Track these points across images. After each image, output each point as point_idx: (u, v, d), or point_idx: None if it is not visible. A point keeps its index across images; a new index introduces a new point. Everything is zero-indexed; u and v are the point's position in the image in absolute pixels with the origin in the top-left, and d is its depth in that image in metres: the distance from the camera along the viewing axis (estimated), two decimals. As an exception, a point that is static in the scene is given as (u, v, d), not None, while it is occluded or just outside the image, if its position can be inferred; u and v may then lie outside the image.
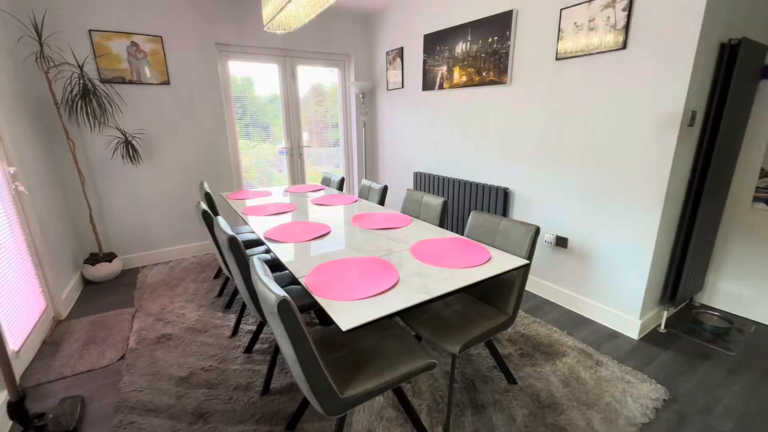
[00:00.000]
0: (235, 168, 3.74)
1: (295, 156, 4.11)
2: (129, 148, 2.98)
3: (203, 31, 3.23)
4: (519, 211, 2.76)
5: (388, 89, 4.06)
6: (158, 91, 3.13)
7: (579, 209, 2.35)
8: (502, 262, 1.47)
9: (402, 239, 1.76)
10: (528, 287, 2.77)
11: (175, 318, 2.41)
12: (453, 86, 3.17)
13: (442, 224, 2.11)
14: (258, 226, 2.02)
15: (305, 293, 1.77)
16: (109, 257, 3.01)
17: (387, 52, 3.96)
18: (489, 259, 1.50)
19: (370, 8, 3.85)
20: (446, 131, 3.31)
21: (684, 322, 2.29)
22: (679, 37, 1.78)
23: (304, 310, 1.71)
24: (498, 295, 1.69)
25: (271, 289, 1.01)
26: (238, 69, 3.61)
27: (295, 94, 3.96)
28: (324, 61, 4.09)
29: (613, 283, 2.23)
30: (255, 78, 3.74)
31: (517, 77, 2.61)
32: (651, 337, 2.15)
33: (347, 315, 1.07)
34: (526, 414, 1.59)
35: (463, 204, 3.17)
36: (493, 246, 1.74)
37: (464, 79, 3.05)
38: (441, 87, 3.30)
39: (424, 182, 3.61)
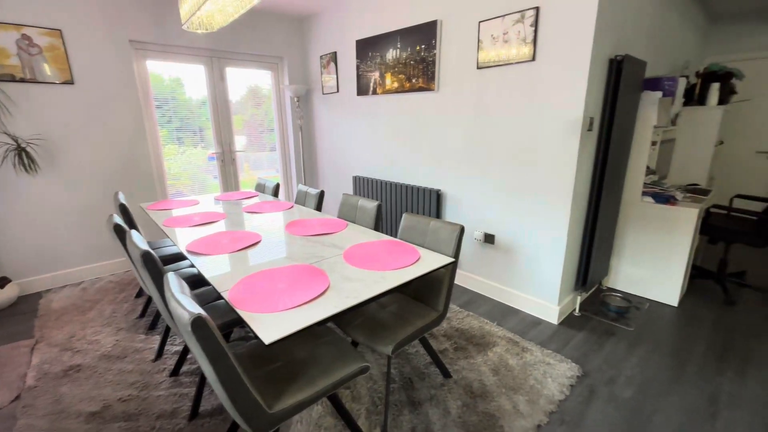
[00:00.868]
0: (158, 176, 3.45)
1: (226, 162, 3.90)
2: (22, 156, 2.60)
3: (114, 26, 2.93)
4: (451, 212, 2.90)
5: (323, 93, 4.03)
6: (60, 91, 2.79)
7: (503, 208, 2.53)
8: (431, 261, 1.53)
9: (336, 244, 1.76)
10: (462, 283, 2.91)
11: (86, 346, 2.15)
12: (386, 92, 3.24)
13: (377, 227, 2.14)
14: (180, 239, 1.88)
15: (235, 307, 1.68)
16: (1, 283, 2.60)
17: (321, 56, 3.93)
18: (418, 259, 1.55)
19: (302, 11, 3.79)
20: (382, 136, 3.37)
21: (594, 304, 2.57)
22: (576, 52, 2.01)
23: (235, 325, 1.63)
24: (430, 293, 1.75)
25: (184, 306, 0.95)
26: (165, 69, 3.35)
27: (225, 96, 3.76)
28: (256, 63, 3.94)
29: (534, 275, 2.43)
30: (185, 79, 3.50)
31: (444, 84, 2.75)
32: (568, 321, 2.38)
33: (271, 327, 1.04)
34: (460, 405, 1.67)
35: (400, 206, 3.24)
36: (423, 246, 1.80)
37: (396, 85, 3.14)
38: (375, 92, 3.35)
39: (363, 186, 3.64)
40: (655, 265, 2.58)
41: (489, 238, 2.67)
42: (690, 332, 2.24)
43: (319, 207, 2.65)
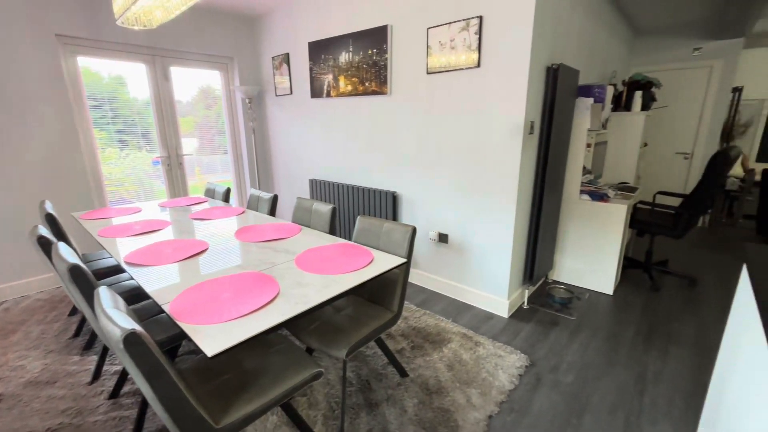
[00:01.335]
0: (95, 182, 3.18)
1: (173, 166, 3.69)
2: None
3: (36, 19, 2.67)
4: (407, 213, 2.95)
5: (277, 95, 3.94)
6: (-30, 89, 2.49)
7: (456, 208, 2.62)
8: (384, 263, 1.55)
9: (288, 250, 1.73)
10: (419, 282, 2.97)
11: (8, 373, 1.93)
12: (340, 94, 3.23)
13: (332, 231, 2.13)
14: (119, 249, 1.75)
15: (180, 319, 1.59)
16: None
17: (273, 57, 3.84)
18: (372, 261, 1.57)
19: (252, 10, 3.69)
20: (337, 138, 3.36)
21: (541, 297, 2.74)
22: (516, 60, 2.13)
23: (182, 339, 1.55)
24: (384, 294, 1.78)
25: (116, 322, 0.89)
26: (104, 67, 3.10)
27: (170, 97, 3.56)
28: (204, 63, 3.77)
29: (485, 271, 2.55)
30: (128, 77, 3.26)
31: (397, 88, 2.80)
32: (517, 314, 2.51)
33: (216, 339, 1.00)
34: (416, 403, 1.70)
35: (357, 209, 3.25)
36: (378, 248, 1.82)
37: (349, 88, 3.14)
38: (328, 95, 3.33)
39: (319, 189, 3.60)
40: (592, 257, 2.80)
41: (443, 238, 2.75)
42: (622, 318, 2.45)
43: (272, 212, 2.59)
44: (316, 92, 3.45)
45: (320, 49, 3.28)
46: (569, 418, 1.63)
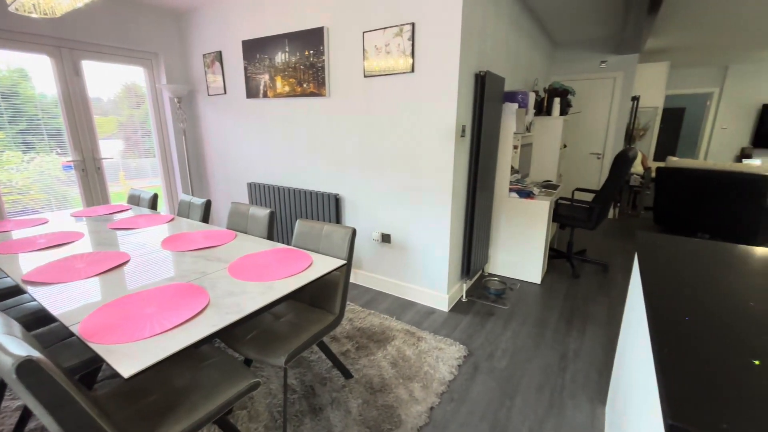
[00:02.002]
0: (-15, 191, 2.75)
1: (89, 171, 3.32)
2: None
3: None
4: (350, 215, 2.97)
5: (209, 94, 3.73)
6: None
7: (397, 208, 2.69)
8: (323, 266, 1.54)
9: (221, 258, 1.65)
10: (364, 283, 3.00)
11: None
12: (277, 95, 3.15)
13: (270, 236, 2.07)
14: (17, 267, 1.54)
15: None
16: None
17: (204, 55, 3.63)
18: (310, 265, 1.55)
19: (179, 4, 3.45)
20: (277, 140, 3.27)
21: (478, 289, 2.91)
22: (447, 66, 2.25)
23: (101, 362, 1.40)
24: (326, 297, 1.77)
25: (6, 350, 0.78)
26: (1, 57, 2.70)
27: (83, 93, 3.20)
28: (123, 58, 3.45)
29: (426, 268, 2.64)
30: (32, 70, 2.86)
31: (335, 90, 2.80)
32: (457, 307, 2.64)
33: (134, 358, 0.93)
34: (360, 403, 1.72)
35: (298, 213, 3.19)
36: (318, 251, 1.81)
37: (287, 89, 3.08)
38: (265, 95, 3.23)
39: (259, 193, 3.47)
40: (522, 250, 3.04)
41: (386, 238, 2.80)
42: (549, 304, 2.69)
43: (205, 218, 2.45)
44: (252, 92, 3.33)
45: (255, 49, 3.17)
46: (503, 401, 1.75)
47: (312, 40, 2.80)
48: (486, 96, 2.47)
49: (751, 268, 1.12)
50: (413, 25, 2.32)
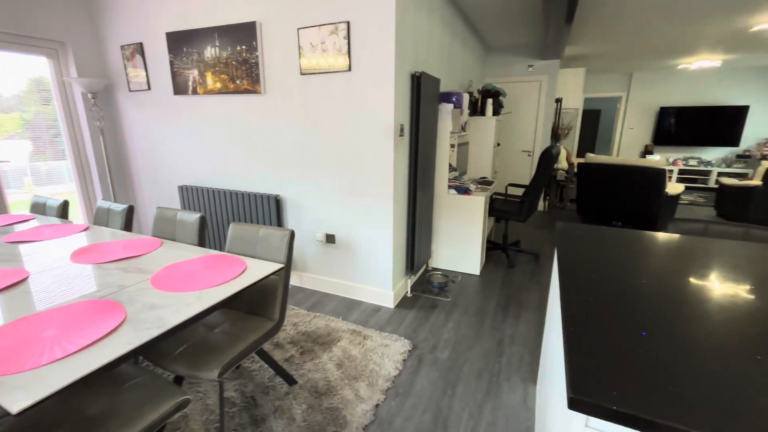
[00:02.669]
0: None
1: (-22, 177, 2.85)
2: None
3: None
4: (293, 217, 2.88)
5: (131, 90, 3.40)
6: None
7: (340, 208, 2.67)
8: (259, 270, 1.48)
9: (143, 268, 1.51)
10: (309, 286, 2.94)
11: None
12: (208, 92, 2.96)
13: (202, 242, 1.94)
14: None
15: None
16: None
17: (122, 47, 3.30)
18: (244, 270, 1.48)
19: (85, -12, 3.09)
20: (211, 140, 3.07)
21: (422, 284, 3.00)
22: (383, 66, 2.28)
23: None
24: (264, 303, 1.70)
25: None
26: None
27: (-36, 88, 2.74)
28: (21, 47, 3.01)
29: (371, 266, 2.66)
30: None
31: (271, 88, 2.70)
32: (402, 303, 2.69)
33: (27, 390, 0.82)
34: (305, 409, 1.68)
35: (235, 216, 3.04)
36: (254, 256, 1.73)
37: (219, 85, 2.91)
38: (195, 92, 3.02)
39: (192, 197, 3.24)
40: (462, 244, 3.18)
41: (330, 238, 2.77)
42: (487, 294, 2.85)
43: (127, 226, 2.23)
44: (180, 88, 3.09)
45: (181, 42, 2.95)
46: (445, 390, 1.82)
47: (244, 34, 2.67)
48: (422, 96, 2.54)
49: (648, 251, 1.28)
50: (348, 23, 2.31)
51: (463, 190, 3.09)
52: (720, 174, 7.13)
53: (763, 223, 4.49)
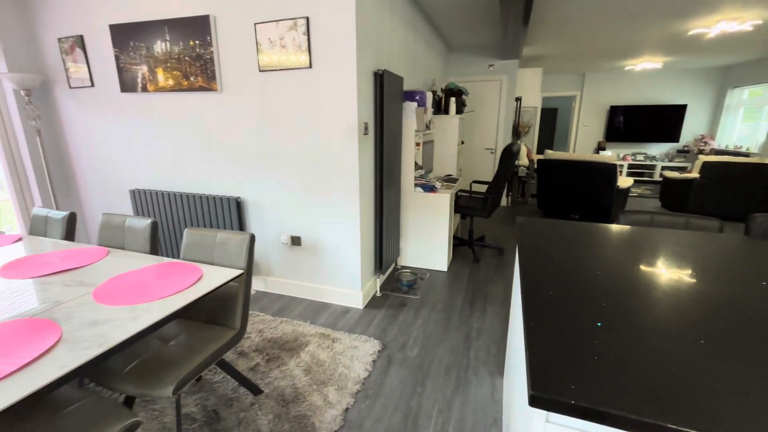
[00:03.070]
0: None
1: None
2: None
3: None
4: (255, 219, 2.78)
5: (71, 87, 3.13)
6: None
7: (305, 209, 2.60)
8: (216, 278, 1.40)
9: (85, 281, 1.38)
10: (276, 290, 2.85)
11: None
12: (159, 89, 2.78)
13: (154, 250, 1.82)
14: None
15: None
16: None
17: (60, 40, 3.02)
18: (200, 278, 1.40)
19: (13, -26, 2.80)
20: (165, 140, 2.89)
21: (391, 282, 2.99)
22: (345, 63, 2.23)
23: None
24: (224, 312, 1.62)
25: None
26: None
27: None
28: (-70, 37, 2.67)
29: (339, 267, 2.62)
30: None
31: (228, 85, 2.58)
32: (371, 303, 2.67)
33: (-64, 426, 0.71)
34: (271, 419, 1.62)
35: (193, 221, 2.88)
36: (212, 262, 1.64)
37: (171, 82, 2.74)
38: (145, 89, 2.83)
39: (145, 201, 3.04)
40: (429, 241, 3.21)
41: (296, 240, 2.69)
42: (455, 289, 2.89)
43: (69, 235, 2.04)
44: (128, 86, 2.88)
45: (128, 35, 2.75)
46: (415, 388, 1.82)
47: (196, 29, 2.53)
48: (386, 94, 2.53)
49: (601, 243, 1.33)
50: (307, 19, 2.25)
51: (429, 188, 3.11)
52: (664, 168, 7.69)
53: (700, 212, 4.89)
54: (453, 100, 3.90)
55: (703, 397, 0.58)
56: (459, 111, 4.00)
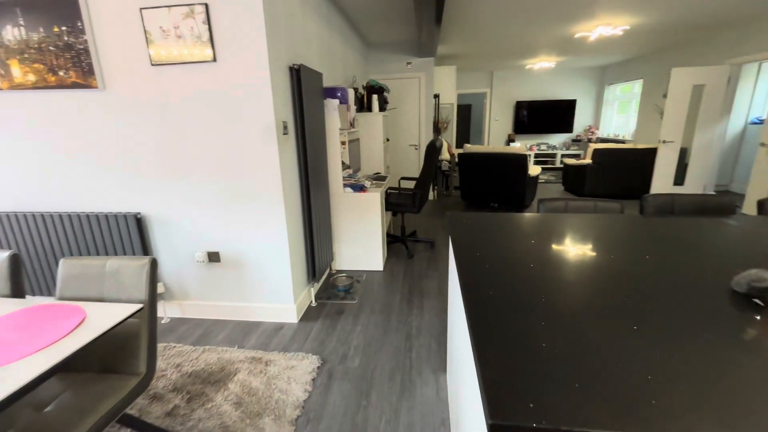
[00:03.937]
0: None
1: None
2: None
3: None
4: (161, 238, 2.40)
5: None
6: None
7: (222, 221, 2.32)
8: (105, 319, 1.13)
9: None
10: (194, 315, 2.51)
11: None
12: (16, 87, 2.24)
13: (18, 291, 1.43)
14: None
15: None
16: None
17: None
18: (83, 321, 1.11)
19: None
20: (35, 150, 2.34)
21: (327, 289, 2.85)
22: (255, 56, 2.02)
23: None
24: (123, 355, 1.33)
25: None
26: None
27: None
28: None
29: (267, 281, 2.39)
30: None
31: (112, 81, 2.17)
32: (307, 315, 2.50)
33: None
34: (196, 470, 1.38)
35: (77, 248, 2.39)
36: (101, 299, 1.34)
37: (33, 78, 2.22)
38: (-6, 86, 2.25)
39: (11, 227, 2.44)
40: (363, 241, 3.13)
41: (214, 257, 2.40)
42: (391, 288, 2.86)
43: None
44: (-34, 82, 2.27)
45: (-42, 16, 2.15)
46: (359, 401, 1.72)
47: (62, 12, 2.08)
48: (304, 90, 2.36)
49: (528, 233, 1.37)
50: (206, 6, 1.98)
51: (359, 188, 3.03)
52: (563, 156, 8.68)
53: (595, 192, 5.60)
54: (375, 97, 3.86)
55: (648, 388, 0.58)
56: (382, 108, 3.97)
